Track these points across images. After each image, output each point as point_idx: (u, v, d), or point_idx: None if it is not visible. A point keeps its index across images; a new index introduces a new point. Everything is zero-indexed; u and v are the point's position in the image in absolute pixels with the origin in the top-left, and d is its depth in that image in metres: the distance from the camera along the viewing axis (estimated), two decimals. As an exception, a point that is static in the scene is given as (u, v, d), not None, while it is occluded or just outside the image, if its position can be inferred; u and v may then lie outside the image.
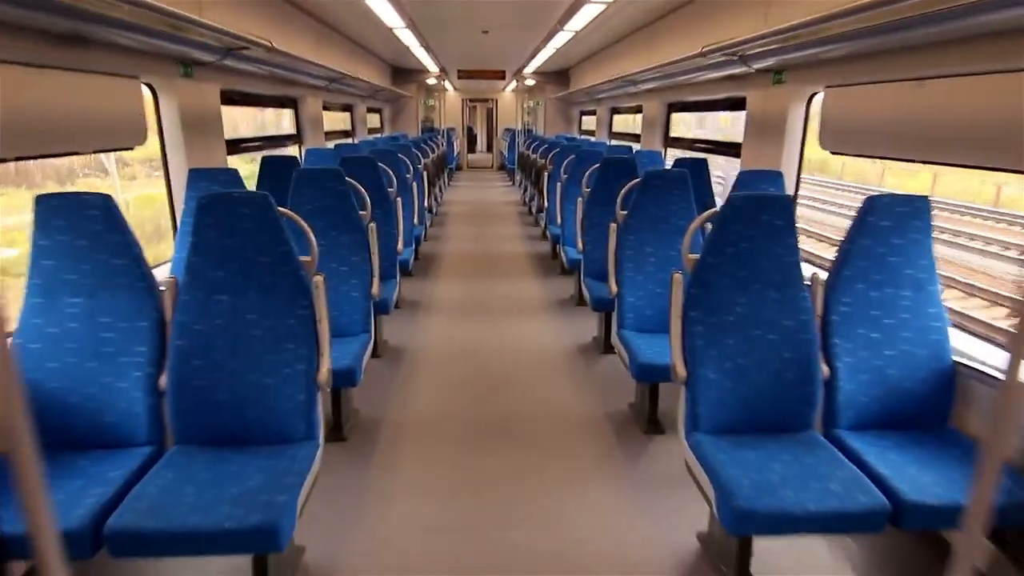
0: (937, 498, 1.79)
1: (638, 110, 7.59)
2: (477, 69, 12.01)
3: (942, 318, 2.27)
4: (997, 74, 2.31)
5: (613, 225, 3.29)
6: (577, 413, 3.23)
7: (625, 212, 3.25)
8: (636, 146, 7.04)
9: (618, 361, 3.30)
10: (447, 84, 14.46)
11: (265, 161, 4.21)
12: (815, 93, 3.51)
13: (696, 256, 2.22)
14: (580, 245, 4.25)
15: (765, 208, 2.15)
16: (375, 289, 3.10)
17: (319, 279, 2.16)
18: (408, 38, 7.65)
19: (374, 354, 3.65)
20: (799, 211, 9.83)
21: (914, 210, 2.21)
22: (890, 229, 2.22)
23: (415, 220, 5.41)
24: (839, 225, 10.13)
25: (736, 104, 4.43)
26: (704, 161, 4.48)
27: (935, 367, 2.24)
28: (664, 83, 5.54)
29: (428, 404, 3.31)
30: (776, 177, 3.31)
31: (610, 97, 8.57)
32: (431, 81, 13.28)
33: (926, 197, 2.23)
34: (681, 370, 2.16)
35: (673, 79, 5.14)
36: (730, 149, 4.80)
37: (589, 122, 12.00)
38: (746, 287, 2.18)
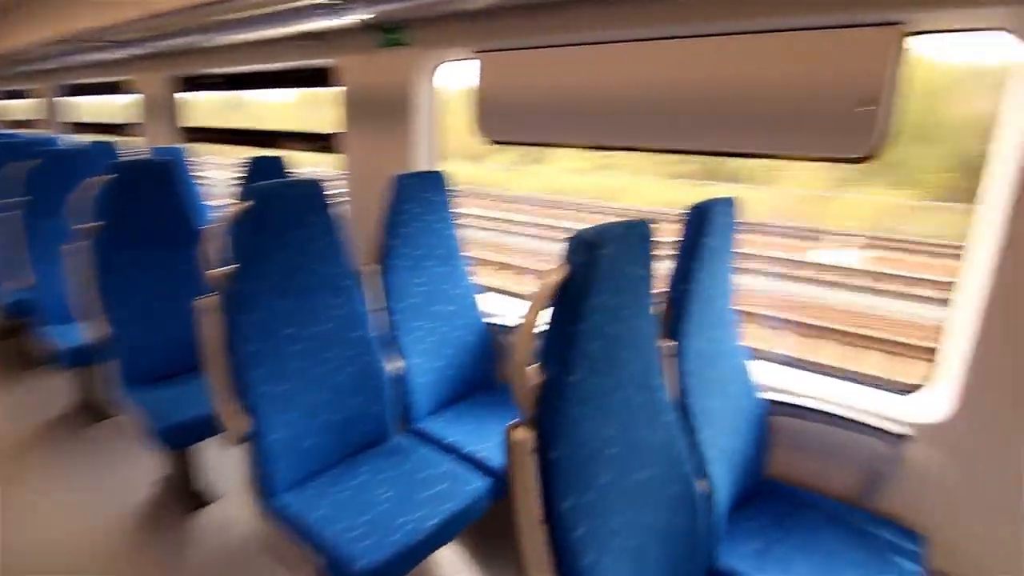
0: None
1: (114, 88, 5.18)
2: None
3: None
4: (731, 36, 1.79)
5: None
6: None
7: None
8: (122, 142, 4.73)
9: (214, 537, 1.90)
10: None
11: None
12: (442, 62, 2.57)
13: (529, 407, 0.97)
14: (102, 327, 2.23)
15: (636, 245, 1.08)
16: None
17: None
18: None
19: None
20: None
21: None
22: None
23: None
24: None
25: (315, 78, 3.10)
26: (279, 159, 3.04)
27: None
28: (174, 45, 3.63)
29: None
30: (435, 181, 2.25)
31: (63, 69, 5.67)
32: None
33: None
34: None
35: (193, 38, 3.35)
36: (303, 143, 3.43)
37: (15, 109, 8.14)
38: (619, 411, 1.09)
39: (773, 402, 1.80)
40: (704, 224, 1.44)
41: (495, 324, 2.42)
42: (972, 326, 1.53)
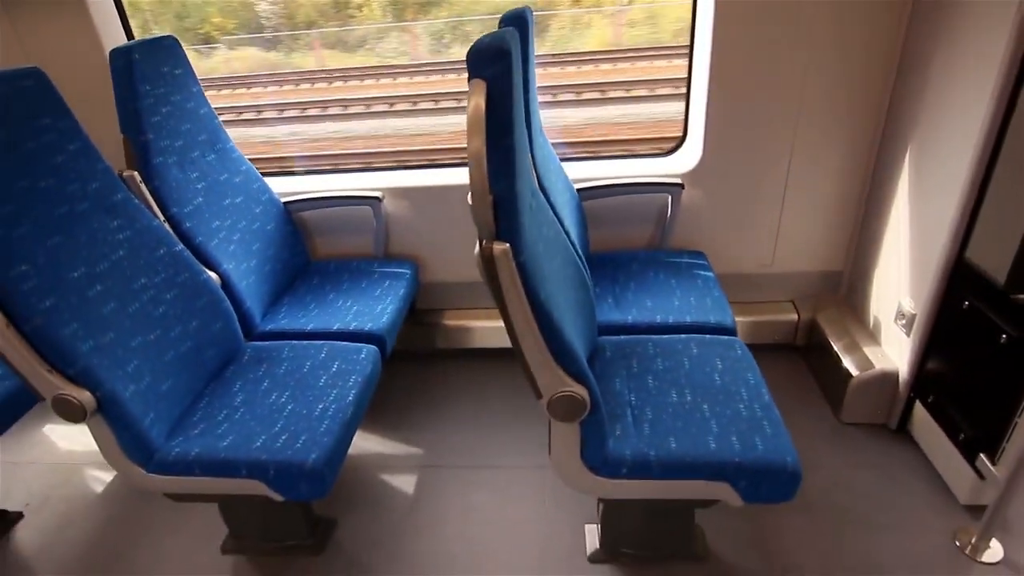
0: None
1: None
2: None
3: None
4: None
5: None
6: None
7: None
8: None
9: None
10: None
11: None
12: None
13: None
14: None
15: (518, 51, 1.12)
16: None
17: None
18: None
19: None
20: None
21: None
22: None
23: None
24: None
25: None
26: None
27: None
28: None
29: None
30: (169, 51, 1.79)
31: None
32: None
33: None
34: None
35: None
36: None
37: None
38: (532, 214, 1.20)
39: (583, 189, 2.11)
40: (523, 28, 1.51)
41: (291, 203, 2.22)
42: (703, 98, 1.98)
